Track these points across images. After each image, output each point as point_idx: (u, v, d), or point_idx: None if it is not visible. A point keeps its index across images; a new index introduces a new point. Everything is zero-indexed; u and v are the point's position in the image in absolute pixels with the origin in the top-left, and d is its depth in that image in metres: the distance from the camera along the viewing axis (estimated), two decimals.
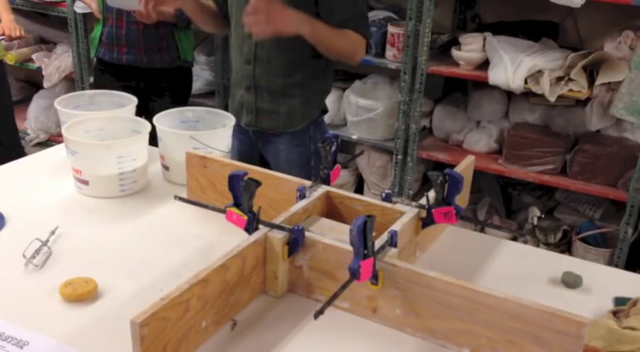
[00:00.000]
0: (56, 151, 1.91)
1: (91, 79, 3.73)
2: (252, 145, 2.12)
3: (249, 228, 1.22)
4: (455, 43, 2.95)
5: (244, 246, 1.15)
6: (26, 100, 4.25)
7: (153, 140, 1.70)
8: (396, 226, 1.22)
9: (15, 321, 1.15)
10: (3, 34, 2.82)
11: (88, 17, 3.58)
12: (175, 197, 1.39)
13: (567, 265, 1.39)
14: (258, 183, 1.22)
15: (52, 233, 1.42)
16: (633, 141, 2.82)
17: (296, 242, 1.20)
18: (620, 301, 1.28)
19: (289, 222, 1.24)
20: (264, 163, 2.10)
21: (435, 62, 2.97)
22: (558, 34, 3.00)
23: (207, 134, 1.68)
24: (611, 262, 2.75)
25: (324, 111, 2.10)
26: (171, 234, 1.48)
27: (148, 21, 2.59)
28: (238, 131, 2.03)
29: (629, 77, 2.53)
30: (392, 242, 1.18)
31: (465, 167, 1.52)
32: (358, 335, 1.16)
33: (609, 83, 2.61)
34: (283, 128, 2.02)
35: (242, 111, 2.05)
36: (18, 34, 2.84)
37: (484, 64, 2.85)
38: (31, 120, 4.11)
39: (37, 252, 1.34)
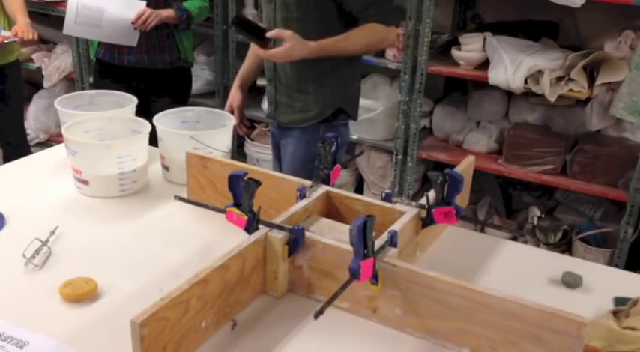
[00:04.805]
0: (56, 151, 1.91)
1: (91, 79, 3.73)
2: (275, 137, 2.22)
3: (249, 228, 1.22)
4: (455, 43, 2.95)
5: (244, 246, 1.15)
6: (26, 100, 4.24)
7: (153, 140, 1.69)
8: (396, 226, 1.22)
9: (15, 321, 1.15)
10: (16, 36, 2.83)
11: None
12: (175, 197, 1.39)
13: (567, 265, 1.39)
14: (258, 183, 1.22)
15: (52, 233, 1.42)
16: (633, 141, 2.81)
17: (296, 242, 1.20)
18: (620, 301, 1.28)
19: (289, 222, 1.24)
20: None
21: (435, 62, 2.97)
22: (558, 34, 3.00)
23: (207, 134, 1.68)
24: (611, 262, 2.75)
25: (344, 112, 2.08)
26: (171, 234, 1.48)
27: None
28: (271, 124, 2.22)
29: (629, 77, 2.53)
30: (392, 242, 1.18)
31: (464, 167, 1.52)
32: (358, 335, 1.16)
33: (609, 83, 2.60)
34: (295, 123, 2.07)
35: (267, 103, 2.15)
36: (31, 37, 2.85)
37: (484, 64, 2.85)
38: (31, 120, 4.10)
39: (37, 252, 1.34)
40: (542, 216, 2.96)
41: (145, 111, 2.72)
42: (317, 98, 2.03)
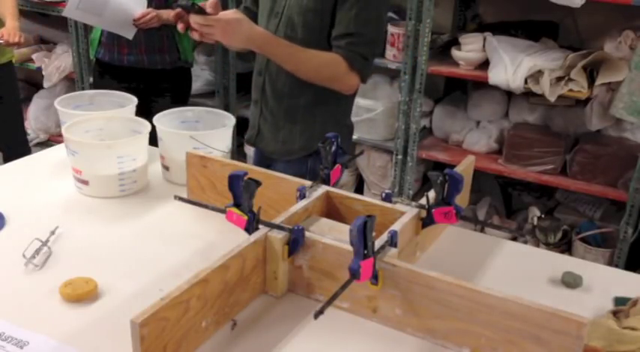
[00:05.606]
0: (56, 151, 1.91)
1: (91, 79, 3.73)
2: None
3: (249, 228, 1.22)
4: (455, 43, 2.96)
5: (244, 246, 1.15)
6: (26, 100, 4.25)
7: (153, 140, 1.70)
8: (396, 226, 1.22)
9: (15, 321, 1.15)
10: (2, 38, 2.82)
11: None
12: (175, 197, 1.39)
13: (567, 265, 1.39)
14: (258, 183, 1.22)
15: (52, 233, 1.42)
16: (633, 141, 2.82)
17: (296, 242, 1.20)
18: (620, 301, 1.28)
19: (289, 222, 1.24)
20: None
21: (435, 62, 2.97)
22: (558, 34, 3.00)
23: (207, 134, 1.67)
24: (611, 262, 2.75)
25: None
26: (171, 234, 1.48)
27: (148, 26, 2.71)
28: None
29: (629, 77, 2.53)
30: (392, 242, 1.18)
31: (465, 167, 1.52)
32: (358, 335, 1.16)
33: (609, 83, 2.61)
34: (278, 154, 1.89)
35: (249, 126, 1.95)
36: (17, 40, 2.83)
37: (484, 64, 2.85)
38: (31, 120, 4.11)
39: (37, 252, 1.34)
40: (542, 216, 2.96)
41: (145, 111, 2.72)
42: (304, 129, 1.84)
